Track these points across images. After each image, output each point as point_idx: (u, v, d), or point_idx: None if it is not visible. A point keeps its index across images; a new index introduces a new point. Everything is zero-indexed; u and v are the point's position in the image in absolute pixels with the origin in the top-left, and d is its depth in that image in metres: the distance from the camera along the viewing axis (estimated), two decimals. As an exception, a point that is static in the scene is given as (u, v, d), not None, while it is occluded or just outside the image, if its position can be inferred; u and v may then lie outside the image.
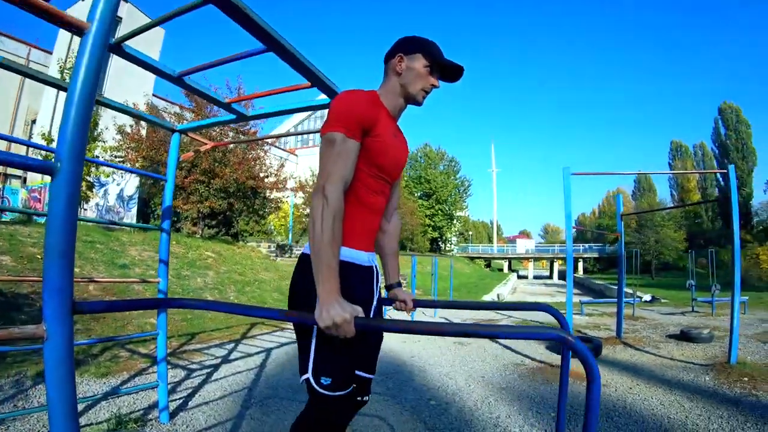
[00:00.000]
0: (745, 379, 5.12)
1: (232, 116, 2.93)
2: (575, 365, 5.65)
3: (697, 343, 7.27)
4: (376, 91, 1.78)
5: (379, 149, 1.65)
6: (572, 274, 5.96)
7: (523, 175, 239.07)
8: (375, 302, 1.77)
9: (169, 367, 4.84)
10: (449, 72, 1.83)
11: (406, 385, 4.99)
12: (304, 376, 1.56)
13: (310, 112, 39.58)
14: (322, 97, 2.54)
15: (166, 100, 17.43)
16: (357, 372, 1.72)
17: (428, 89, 1.79)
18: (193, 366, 5.38)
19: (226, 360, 5.73)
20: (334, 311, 1.34)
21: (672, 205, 53.89)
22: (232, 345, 6.58)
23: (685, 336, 7.63)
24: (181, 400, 4.13)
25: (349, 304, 1.38)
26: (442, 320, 8.58)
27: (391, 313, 9.45)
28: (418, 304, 2.10)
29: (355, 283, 1.65)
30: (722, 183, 57.53)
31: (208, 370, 5.22)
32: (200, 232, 15.86)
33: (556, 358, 6.18)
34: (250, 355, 6.05)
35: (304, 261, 1.61)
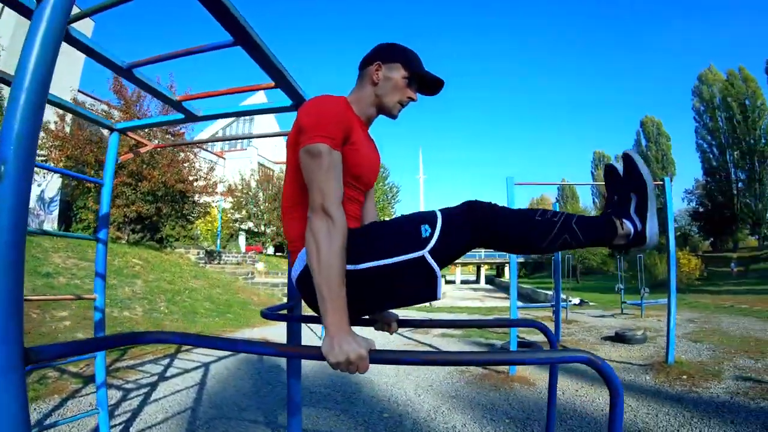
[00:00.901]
0: (684, 377, 5.34)
1: (180, 116, 2.66)
2: (520, 370, 5.74)
3: (633, 345, 7.54)
4: (346, 97, 1.63)
5: (356, 159, 1.52)
6: (516, 278, 6.01)
7: (450, 181, 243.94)
8: None
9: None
10: (428, 85, 1.72)
11: (355, 397, 4.85)
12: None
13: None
14: (256, 101, 2.35)
15: (93, 97, 16.32)
16: None
17: (405, 102, 1.68)
18: (129, 386, 5.01)
19: (163, 377, 5.39)
20: (348, 346, 1.17)
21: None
22: (167, 360, 6.22)
23: (620, 338, 7.89)
24: (121, 426, 3.81)
25: (363, 337, 1.22)
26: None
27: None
28: (402, 323, 1.92)
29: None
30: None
31: (146, 390, 4.88)
32: (126, 237, 15.03)
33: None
34: (187, 371, 5.72)
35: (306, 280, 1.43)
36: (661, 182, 6.58)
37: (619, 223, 1.48)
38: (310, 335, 8.71)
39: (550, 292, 17.33)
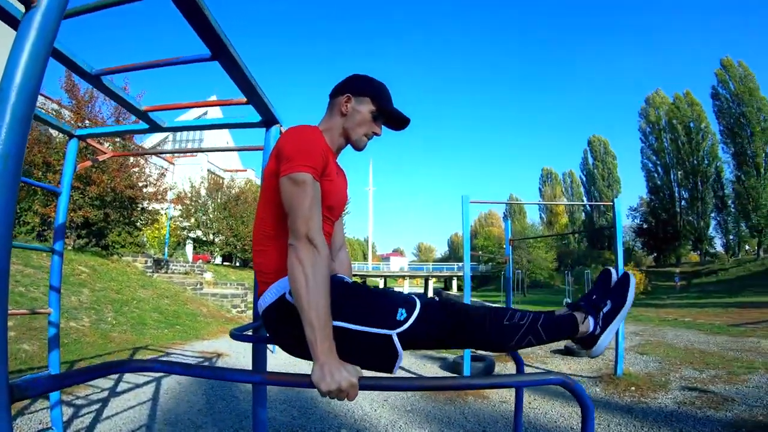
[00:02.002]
0: (632, 388, 5.53)
1: (145, 126, 2.60)
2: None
3: (582, 358, 7.74)
4: (318, 127, 1.65)
5: (330, 190, 1.54)
6: (470, 293, 6.12)
7: (399, 193, 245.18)
8: None
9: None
10: (394, 121, 1.75)
11: (311, 413, 4.81)
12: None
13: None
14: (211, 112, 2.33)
15: (43, 95, 15.43)
16: None
17: (370, 136, 1.71)
18: (80, 401, 4.81)
19: (114, 393, 5.20)
20: (340, 375, 1.18)
21: (560, 229, 58.76)
22: (117, 375, 5.99)
23: (569, 351, 8.09)
24: None
25: (351, 365, 1.24)
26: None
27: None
28: None
29: None
30: (588, 209, 63.22)
31: (98, 406, 4.70)
32: (72, 243, 14.46)
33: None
34: (139, 385, 5.54)
35: (284, 309, 1.43)
36: (612, 203, 6.84)
37: (582, 319, 1.57)
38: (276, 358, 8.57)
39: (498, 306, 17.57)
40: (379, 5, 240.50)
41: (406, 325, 1.38)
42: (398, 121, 1.75)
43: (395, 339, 1.37)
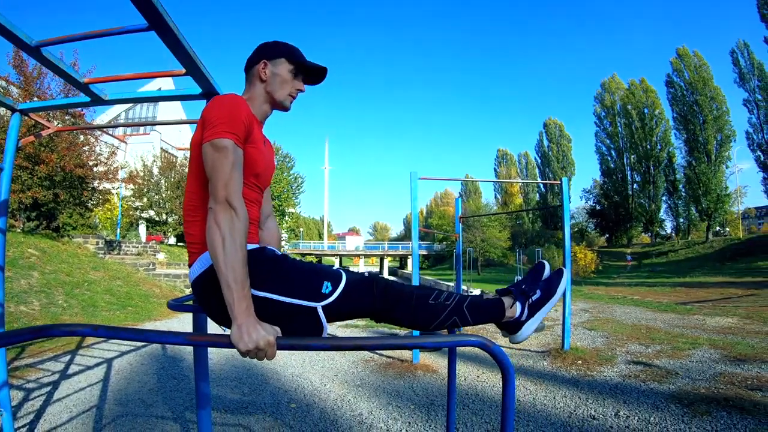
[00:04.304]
0: (579, 362, 5.72)
1: (86, 99, 2.53)
2: (423, 359, 5.96)
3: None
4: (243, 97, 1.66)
5: (256, 158, 1.55)
6: (418, 271, 6.23)
7: (355, 173, 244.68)
8: None
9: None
10: (313, 74, 1.78)
11: (262, 389, 4.86)
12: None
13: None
14: (163, 86, 2.32)
15: None
16: None
17: (294, 94, 1.73)
18: (31, 385, 4.74)
19: (65, 375, 5.13)
20: (257, 334, 1.20)
21: (514, 209, 59.71)
22: (68, 357, 5.92)
23: (520, 327, 8.31)
24: (26, 428, 3.61)
25: (269, 325, 1.26)
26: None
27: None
28: None
29: None
30: (543, 189, 64.46)
31: (48, 389, 4.64)
32: (21, 225, 13.99)
33: (401, 353, 6.40)
34: (90, 367, 5.49)
35: (212, 278, 1.39)
36: (559, 182, 7.01)
37: (510, 304, 1.65)
38: (216, 329, 8.55)
39: (451, 284, 17.87)
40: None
41: (331, 298, 1.41)
42: (316, 72, 1.77)
43: (320, 311, 1.40)
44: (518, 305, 1.64)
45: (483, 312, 1.59)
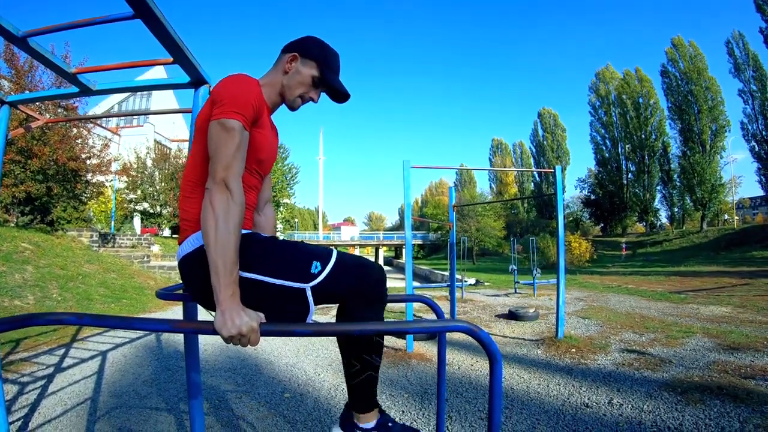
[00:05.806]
0: (573, 350, 5.75)
1: (75, 89, 2.51)
2: (416, 348, 5.97)
3: (525, 321, 8.01)
4: (259, 80, 1.60)
5: (262, 143, 1.52)
6: (411, 261, 6.23)
7: (350, 163, 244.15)
8: None
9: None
10: (334, 94, 1.73)
11: (256, 379, 4.86)
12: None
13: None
14: (155, 76, 2.30)
15: None
16: None
17: (306, 100, 1.69)
18: (26, 379, 4.73)
19: (59, 369, 5.12)
20: (240, 320, 1.19)
21: (507, 198, 59.65)
22: (62, 350, 5.91)
23: (513, 315, 8.35)
24: (20, 422, 3.60)
25: (253, 311, 1.25)
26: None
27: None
28: None
29: None
30: (537, 178, 64.56)
31: (43, 382, 4.62)
32: (15, 220, 13.92)
33: (395, 342, 6.43)
34: (84, 360, 5.48)
35: (201, 259, 1.36)
36: (552, 170, 7.01)
37: (375, 417, 1.62)
38: (206, 317, 8.55)
39: (446, 273, 17.88)
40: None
41: (320, 278, 1.40)
42: (338, 94, 1.73)
43: (308, 292, 1.39)
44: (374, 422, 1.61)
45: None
